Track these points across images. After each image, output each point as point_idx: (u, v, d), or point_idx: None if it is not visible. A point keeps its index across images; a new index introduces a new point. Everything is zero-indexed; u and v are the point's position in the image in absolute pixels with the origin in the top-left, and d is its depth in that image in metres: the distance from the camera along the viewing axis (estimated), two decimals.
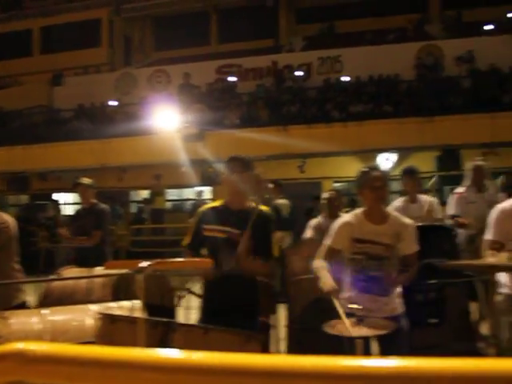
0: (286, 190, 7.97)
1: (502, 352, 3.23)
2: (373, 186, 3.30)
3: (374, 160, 13.93)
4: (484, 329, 5.05)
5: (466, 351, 4.26)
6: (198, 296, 3.84)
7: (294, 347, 4.84)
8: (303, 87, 16.73)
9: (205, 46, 21.68)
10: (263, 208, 3.56)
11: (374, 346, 3.28)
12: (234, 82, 18.00)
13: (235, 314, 3.26)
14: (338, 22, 20.16)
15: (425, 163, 14.38)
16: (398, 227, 3.37)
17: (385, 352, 3.16)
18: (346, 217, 3.58)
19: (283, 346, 5.12)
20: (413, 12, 19.85)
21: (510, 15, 18.91)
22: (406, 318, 3.47)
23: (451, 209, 5.50)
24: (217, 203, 3.67)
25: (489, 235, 3.32)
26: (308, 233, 5.80)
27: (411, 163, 14.81)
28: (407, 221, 3.48)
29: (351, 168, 5.60)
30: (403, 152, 14.09)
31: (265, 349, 4.45)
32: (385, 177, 3.41)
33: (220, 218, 3.47)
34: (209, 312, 3.57)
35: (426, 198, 5.53)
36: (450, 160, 12.12)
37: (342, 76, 16.83)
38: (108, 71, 21.06)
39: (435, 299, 4.33)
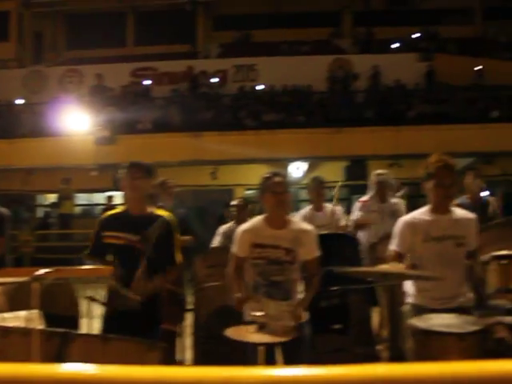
0: (198, 197, 7.98)
1: (402, 358, 3.36)
2: (274, 191, 3.38)
3: (286, 168, 14.25)
4: (384, 333, 5.30)
5: (367, 355, 4.44)
6: (102, 304, 3.77)
7: (200, 356, 4.84)
8: (218, 94, 16.80)
9: (120, 47, 21.22)
10: (164, 214, 3.57)
11: (277, 353, 3.36)
12: (148, 85, 17.76)
13: (135, 323, 3.24)
14: (254, 32, 20.43)
15: (334, 173, 14.89)
16: (297, 232, 3.46)
17: (286, 359, 3.24)
18: (246, 224, 3.64)
19: (189, 354, 5.11)
20: (326, 26, 20.54)
21: (414, 36, 20.05)
22: (309, 325, 3.57)
23: (355, 215, 5.75)
24: (118, 210, 3.67)
25: (393, 245, 3.43)
26: (216, 240, 5.84)
27: (321, 172, 15.36)
28: (307, 226, 3.59)
29: None
30: (313, 161, 14.49)
31: (170, 358, 4.44)
32: (286, 183, 3.49)
33: (119, 225, 3.47)
34: (109, 320, 3.52)
35: (330, 207, 5.77)
36: (357, 170, 12.64)
37: (257, 85, 17.07)
38: (16, 67, 20.08)
39: (338, 305, 4.49)
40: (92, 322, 4.66)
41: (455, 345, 2.63)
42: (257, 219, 3.57)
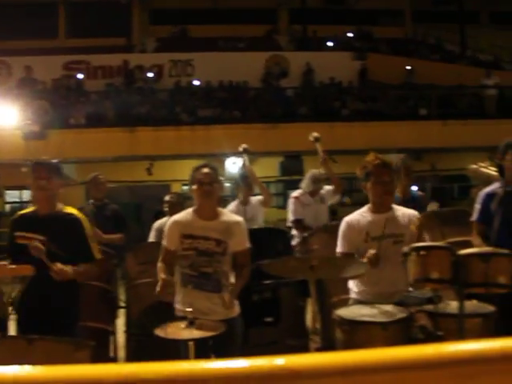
0: (134, 193, 7.86)
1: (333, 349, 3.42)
2: (201, 182, 3.38)
3: (223, 164, 14.24)
4: (315, 325, 5.42)
5: (299, 347, 4.52)
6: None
7: (133, 353, 4.78)
8: (154, 89, 16.58)
9: (51, 39, 20.51)
10: (71, 211, 3.53)
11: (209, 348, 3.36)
12: (81, 79, 17.29)
13: (49, 321, 3.19)
14: (191, 27, 20.28)
15: (269, 168, 15.03)
16: (228, 223, 3.47)
17: (218, 353, 3.24)
18: (175, 216, 3.62)
19: (122, 352, 5.04)
20: (263, 23, 20.67)
21: (349, 35, 20.51)
22: (241, 319, 3.58)
23: (293, 213, 5.84)
24: (28, 209, 3.63)
25: (339, 248, 3.47)
26: (151, 236, 5.79)
27: (257, 168, 15.43)
28: (238, 218, 3.61)
29: None
30: (249, 157, 14.52)
31: (102, 356, 4.36)
32: (214, 174, 3.48)
33: (28, 225, 3.42)
34: (23, 320, 3.47)
35: (256, 199, 5.90)
36: (292, 165, 12.81)
37: (193, 80, 16.97)
38: None
39: (270, 299, 4.55)
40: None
41: (379, 334, 2.71)
42: (187, 211, 3.56)
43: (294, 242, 5.45)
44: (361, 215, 3.46)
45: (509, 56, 20.40)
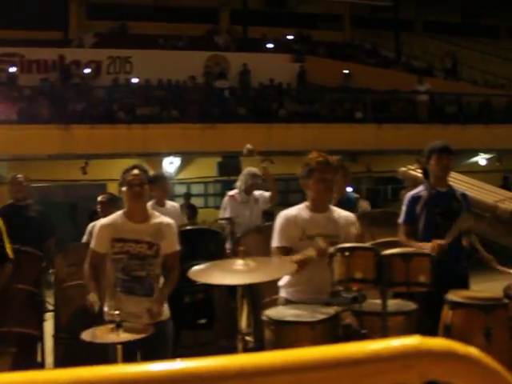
0: (68, 192, 7.64)
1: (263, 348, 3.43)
2: (130, 184, 3.32)
3: (160, 163, 14.08)
4: (247, 326, 5.46)
5: (232, 348, 4.52)
6: None
7: (61, 358, 4.65)
8: (91, 86, 16.20)
9: None
10: None
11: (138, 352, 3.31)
12: (14, 73, 16.65)
13: None
14: (130, 23, 19.94)
15: (207, 168, 15.00)
16: (159, 225, 3.42)
17: (147, 357, 3.20)
18: (105, 219, 3.55)
19: (51, 357, 4.88)
20: (204, 22, 20.60)
21: (289, 37, 20.76)
22: (171, 322, 3.54)
23: (225, 211, 5.85)
24: None
25: (275, 242, 3.40)
26: (85, 238, 5.66)
27: (194, 168, 15.41)
28: (169, 220, 3.56)
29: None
30: (187, 157, 14.48)
31: (28, 362, 4.21)
32: (144, 176, 3.43)
33: None
34: None
35: (173, 204, 5.93)
36: (230, 166, 12.80)
37: (132, 77, 16.70)
38: None
39: (203, 300, 4.53)
40: None
41: (307, 333, 2.75)
42: (117, 214, 3.49)
43: (227, 243, 5.45)
44: (299, 211, 3.42)
45: (440, 64, 21.23)
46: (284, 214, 3.45)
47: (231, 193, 5.98)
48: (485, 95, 17.92)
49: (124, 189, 3.35)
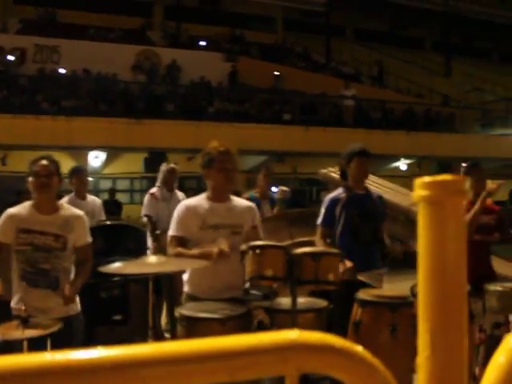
0: None
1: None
2: (37, 175, 3.23)
3: (85, 157, 13.70)
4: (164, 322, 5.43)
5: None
6: None
7: None
8: (15, 74, 15.51)
9: None
10: None
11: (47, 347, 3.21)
12: None
13: None
14: (60, 11, 19.25)
15: (133, 164, 14.75)
16: (68, 218, 3.33)
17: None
18: (11, 208, 3.42)
19: None
20: (137, 16, 20.23)
21: (221, 36, 20.75)
22: (81, 317, 3.45)
23: (146, 208, 5.76)
24: None
25: (171, 231, 3.36)
26: None
27: (121, 163, 15.12)
28: (79, 212, 3.46)
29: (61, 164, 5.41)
30: (113, 151, 14.18)
31: None
32: (52, 167, 3.32)
33: None
34: None
35: (93, 198, 5.87)
36: (157, 162, 12.57)
37: (59, 67, 16.14)
38: None
39: (119, 296, 4.44)
40: None
41: (218, 329, 2.74)
42: (24, 204, 3.37)
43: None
44: (199, 201, 3.39)
45: (368, 70, 21.90)
46: (184, 204, 3.44)
47: (152, 190, 5.91)
48: (408, 103, 18.66)
49: (31, 179, 3.25)
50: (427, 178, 0.89)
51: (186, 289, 3.40)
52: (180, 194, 5.89)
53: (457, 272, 0.91)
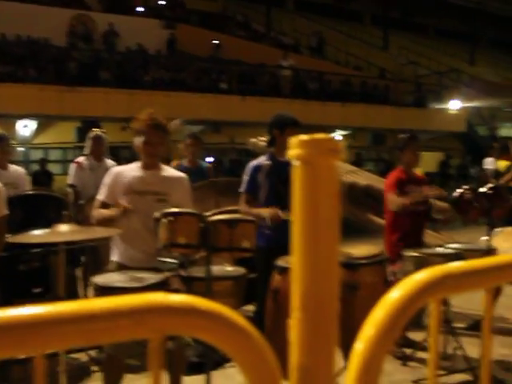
0: None
1: None
2: None
3: (13, 126, 13.13)
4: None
5: None
6: None
7: None
8: None
9: None
10: None
11: None
12: None
13: None
14: None
15: (66, 133, 14.28)
16: None
17: None
18: None
19: None
20: None
21: (160, 2, 20.21)
22: None
23: (70, 178, 5.59)
24: None
25: (100, 195, 3.36)
26: None
27: (52, 132, 14.61)
28: None
29: None
30: (44, 120, 13.65)
31: None
32: None
33: None
34: None
35: (16, 168, 5.52)
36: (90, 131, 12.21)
37: None
38: None
39: (39, 268, 4.31)
40: None
41: None
42: None
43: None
44: (129, 168, 3.40)
45: (307, 42, 21.92)
46: (114, 169, 3.46)
47: (78, 159, 5.71)
48: (345, 75, 18.85)
49: None
50: (301, 137, 0.88)
51: (114, 258, 3.37)
52: (110, 163, 5.64)
53: (329, 232, 0.91)
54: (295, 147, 0.88)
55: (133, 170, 3.38)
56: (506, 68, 31.28)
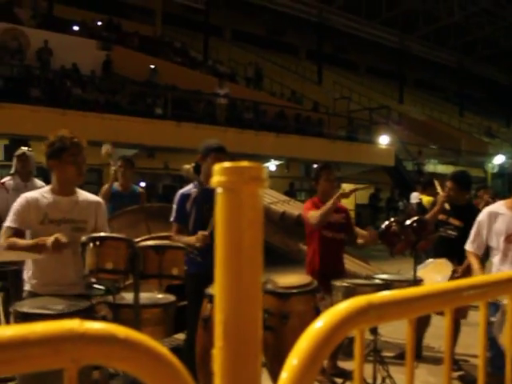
0: None
1: None
2: None
3: None
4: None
5: None
6: None
7: None
8: None
9: None
10: None
11: None
12: None
13: None
14: None
15: None
16: None
17: None
18: None
19: None
20: None
21: (98, 23, 20.00)
22: None
23: None
24: None
25: (7, 222, 3.09)
26: None
27: None
28: None
29: None
30: None
31: None
32: None
33: None
34: None
35: None
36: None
37: None
38: None
39: None
40: None
41: None
42: None
43: None
44: (41, 194, 3.16)
45: (244, 72, 22.26)
46: (24, 196, 3.16)
47: (3, 179, 5.44)
48: (280, 106, 19.21)
49: None
50: (225, 164, 0.87)
51: (26, 287, 3.15)
52: (39, 184, 5.39)
53: (252, 260, 0.90)
54: (218, 174, 0.87)
55: (46, 195, 3.15)
56: (430, 108, 32.99)
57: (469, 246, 3.86)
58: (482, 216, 3.76)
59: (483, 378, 1.43)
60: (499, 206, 3.72)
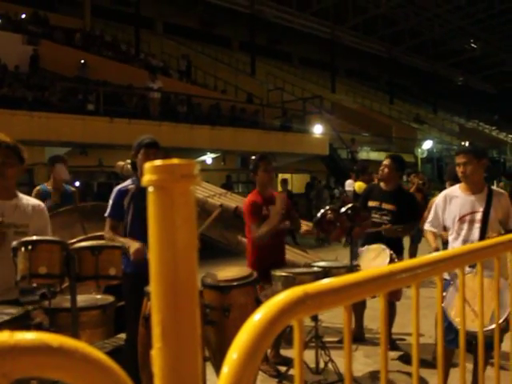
0: None
1: None
2: None
3: None
4: None
5: None
6: None
7: None
8: None
9: None
10: None
11: None
12: None
13: None
14: None
15: None
16: None
17: None
18: None
19: None
20: None
21: (22, 16, 19.23)
22: None
23: None
24: None
25: None
26: None
27: None
28: None
29: None
30: None
31: None
32: None
33: None
34: None
35: None
36: None
37: None
38: None
39: None
40: None
41: None
42: None
43: None
44: None
45: (176, 65, 21.99)
46: None
47: None
48: (214, 99, 19.13)
49: None
50: (156, 162, 0.86)
51: None
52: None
53: (187, 259, 0.89)
54: (149, 173, 0.85)
55: None
56: (362, 96, 33.79)
57: (427, 226, 4.05)
58: (439, 198, 3.97)
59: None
60: (455, 189, 3.92)
